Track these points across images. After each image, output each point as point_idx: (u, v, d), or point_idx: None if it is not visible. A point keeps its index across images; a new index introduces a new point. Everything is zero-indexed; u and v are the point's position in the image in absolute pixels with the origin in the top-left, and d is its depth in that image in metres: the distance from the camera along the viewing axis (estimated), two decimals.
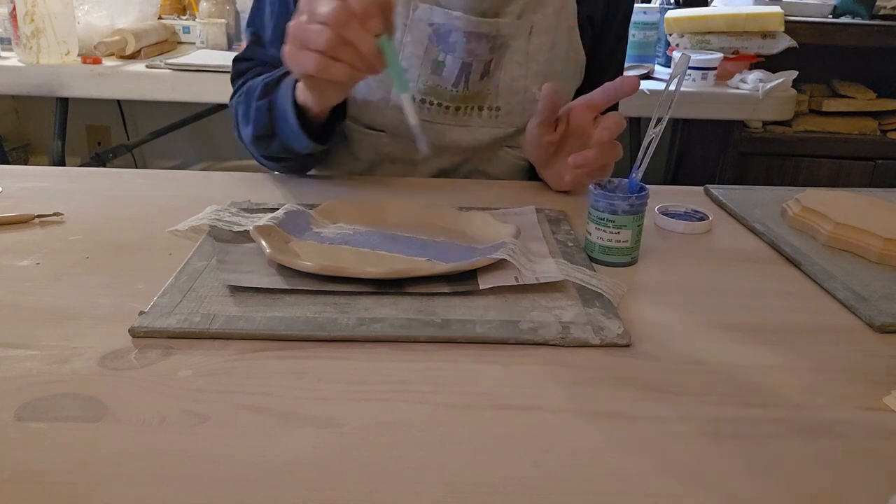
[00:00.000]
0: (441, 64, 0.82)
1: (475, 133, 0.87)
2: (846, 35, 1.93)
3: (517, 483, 0.37)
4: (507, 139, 0.89)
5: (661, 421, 0.42)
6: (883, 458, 0.40)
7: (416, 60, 0.82)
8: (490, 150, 0.90)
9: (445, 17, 0.80)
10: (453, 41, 0.81)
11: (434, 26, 0.81)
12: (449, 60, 0.82)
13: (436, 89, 0.84)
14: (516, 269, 0.57)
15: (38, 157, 2.43)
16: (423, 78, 0.83)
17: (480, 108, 0.86)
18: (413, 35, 0.82)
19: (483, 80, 0.84)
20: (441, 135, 0.86)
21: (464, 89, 0.84)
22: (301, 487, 0.36)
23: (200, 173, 0.88)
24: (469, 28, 0.80)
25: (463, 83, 0.83)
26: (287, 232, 0.63)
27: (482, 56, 0.82)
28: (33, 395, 0.42)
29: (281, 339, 0.49)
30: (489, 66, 0.84)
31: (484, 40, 0.81)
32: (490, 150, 0.89)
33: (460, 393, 0.44)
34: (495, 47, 0.83)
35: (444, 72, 0.83)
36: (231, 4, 1.88)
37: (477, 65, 0.83)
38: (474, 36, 0.81)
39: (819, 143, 2.01)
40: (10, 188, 0.77)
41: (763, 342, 0.52)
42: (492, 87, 0.85)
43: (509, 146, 0.90)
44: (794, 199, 0.76)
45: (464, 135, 0.87)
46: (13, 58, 1.62)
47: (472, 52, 0.82)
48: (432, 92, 0.84)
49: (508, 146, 0.90)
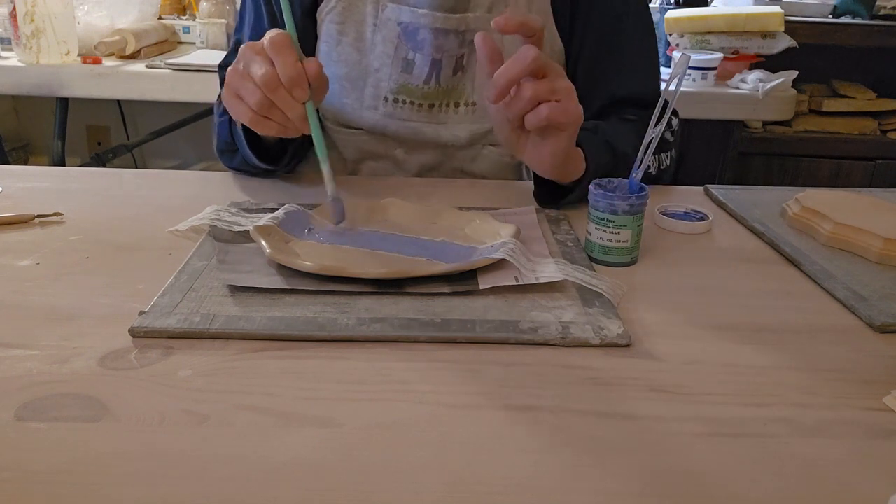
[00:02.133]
0: (411, 62, 0.83)
1: (452, 129, 0.87)
2: (846, 35, 1.93)
3: (517, 483, 0.37)
4: (488, 136, 0.88)
5: (661, 421, 0.42)
6: (883, 458, 0.40)
7: (386, 59, 0.83)
8: (472, 148, 0.89)
9: (412, 16, 0.81)
10: (421, 39, 0.81)
11: (402, 25, 0.82)
12: (418, 58, 0.82)
13: (406, 87, 0.84)
14: (516, 269, 0.57)
15: (38, 157, 2.43)
16: (395, 77, 0.84)
17: (457, 104, 0.86)
18: (382, 34, 0.82)
19: (456, 76, 0.84)
20: (417, 132, 0.86)
21: (435, 85, 0.84)
22: (301, 487, 0.36)
23: (200, 173, 0.88)
24: (436, 25, 0.80)
25: (434, 79, 0.84)
26: (287, 232, 0.63)
27: (451, 52, 0.82)
28: (33, 395, 0.42)
29: (281, 339, 0.49)
30: (462, 62, 0.84)
31: (452, 36, 0.81)
32: (471, 147, 0.89)
33: (460, 393, 0.44)
34: (465, 42, 0.82)
35: (415, 69, 0.83)
36: (231, 4, 1.88)
37: (448, 60, 0.83)
38: (441, 32, 0.81)
39: (819, 143, 2.01)
40: (10, 188, 0.77)
41: (763, 342, 0.52)
42: (467, 83, 0.85)
43: (492, 144, 0.89)
44: (794, 199, 0.76)
45: (441, 131, 0.87)
46: (13, 58, 1.62)
47: (441, 49, 0.82)
48: (403, 90, 0.84)
49: (492, 144, 0.89)
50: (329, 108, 0.87)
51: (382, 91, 0.84)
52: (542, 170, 0.70)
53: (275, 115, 0.64)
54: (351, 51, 0.84)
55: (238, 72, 0.63)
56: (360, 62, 0.84)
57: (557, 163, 0.69)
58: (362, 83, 0.84)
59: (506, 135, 0.69)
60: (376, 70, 0.84)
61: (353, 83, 0.84)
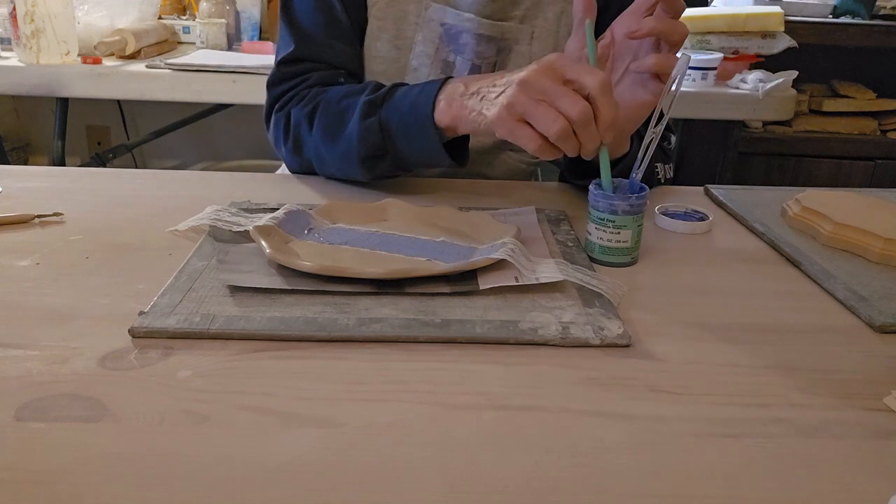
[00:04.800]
0: (451, 64, 0.82)
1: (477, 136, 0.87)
2: (846, 35, 1.93)
3: (517, 483, 0.37)
4: (509, 143, 0.88)
5: (661, 421, 0.42)
6: (883, 458, 0.40)
7: (426, 59, 0.82)
8: (492, 154, 0.90)
9: (456, 18, 0.81)
10: (463, 42, 0.81)
11: (445, 26, 0.81)
12: (459, 62, 0.82)
13: None
14: (516, 269, 0.57)
15: (38, 157, 2.43)
16: (433, 77, 0.83)
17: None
18: (424, 34, 0.82)
19: None
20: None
21: None
22: (301, 487, 0.36)
23: (200, 173, 0.88)
24: (479, 30, 0.80)
25: None
26: (287, 232, 0.63)
27: (489, 59, 0.83)
28: (33, 395, 0.42)
29: (281, 339, 0.49)
30: (494, 69, 0.84)
31: (491, 43, 0.82)
32: (492, 153, 0.89)
33: (460, 393, 0.44)
34: (500, 50, 0.83)
35: (454, 72, 0.83)
36: (231, 4, 1.88)
37: (485, 67, 0.83)
38: (483, 38, 0.81)
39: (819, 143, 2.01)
40: (10, 188, 0.77)
41: (763, 342, 0.52)
42: None
43: (511, 150, 0.90)
44: (794, 199, 0.76)
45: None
46: (13, 58, 1.62)
47: (481, 55, 0.82)
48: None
49: (511, 150, 0.90)
50: None
51: None
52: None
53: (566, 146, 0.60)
54: (389, 48, 0.83)
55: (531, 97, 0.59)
56: (399, 60, 0.83)
57: (641, 117, 0.68)
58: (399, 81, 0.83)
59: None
60: (414, 69, 0.83)
61: (390, 80, 0.82)
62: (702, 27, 1.78)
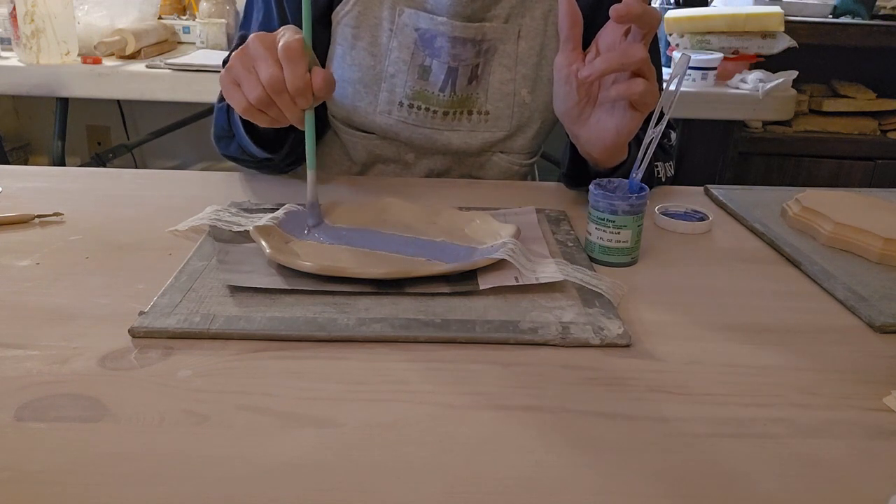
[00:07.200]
0: (427, 69, 0.82)
1: (465, 137, 0.87)
2: (846, 35, 1.93)
3: (517, 483, 0.37)
4: (498, 144, 0.88)
5: (661, 421, 0.42)
6: (883, 458, 0.40)
7: (402, 66, 0.82)
8: (481, 156, 0.90)
9: (430, 23, 0.80)
10: (438, 46, 0.81)
11: (419, 31, 0.81)
12: (435, 66, 0.82)
13: (423, 94, 0.84)
14: (516, 270, 0.57)
15: (38, 157, 2.43)
16: (410, 83, 0.83)
17: (469, 112, 0.86)
18: (399, 40, 0.82)
19: (471, 85, 0.84)
20: (429, 138, 0.86)
21: (451, 94, 0.84)
22: (301, 487, 0.36)
23: (200, 173, 0.88)
24: (454, 33, 0.80)
25: (450, 88, 0.83)
26: (287, 232, 0.63)
27: (468, 61, 0.82)
28: (33, 395, 0.42)
29: (281, 339, 0.49)
30: (476, 71, 0.84)
31: (469, 45, 0.81)
32: (481, 154, 0.89)
33: (460, 393, 0.44)
34: (482, 51, 0.82)
35: (431, 77, 0.83)
36: (231, 4, 1.88)
37: (463, 69, 0.83)
38: (459, 41, 0.81)
39: (819, 143, 2.01)
40: (10, 188, 0.77)
41: (763, 342, 0.52)
42: (480, 92, 0.85)
43: (502, 152, 0.90)
44: (794, 199, 0.76)
45: (453, 139, 0.87)
46: (13, 58, 1.62)
47: (458, 57, 0.82)
48: (420, 97, 0.84)
49: (501, 152, 0.90)
50: (341, 111, 0.86)
51: (397, 96, 0.84)
52: (600, 146, 0.70)
53: (271, 112, 0.63)
54: (365, 55, 0.83)
55: (243, 61, 0.62)
56: (375, 67, 0.83)
57: (622, 141, 0.69)
58: (376, 88, 0.84)
59: (567, 106, 0.69)
60: (391, 75, 0.83)
61: (368, 87, 0.84)
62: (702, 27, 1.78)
